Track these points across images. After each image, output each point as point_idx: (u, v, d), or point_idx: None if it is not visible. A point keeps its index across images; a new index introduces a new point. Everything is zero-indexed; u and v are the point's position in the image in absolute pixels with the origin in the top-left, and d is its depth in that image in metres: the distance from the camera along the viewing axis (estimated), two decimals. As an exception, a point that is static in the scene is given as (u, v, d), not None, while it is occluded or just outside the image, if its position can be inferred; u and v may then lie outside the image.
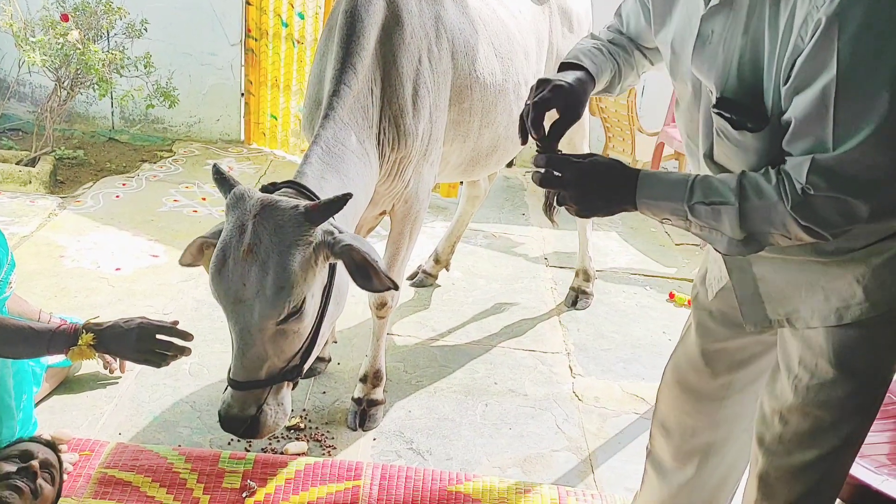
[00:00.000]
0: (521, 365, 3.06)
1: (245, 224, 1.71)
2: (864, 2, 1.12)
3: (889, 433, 1.96)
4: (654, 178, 1.36)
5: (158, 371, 2.70)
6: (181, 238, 3.79)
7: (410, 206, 2.52)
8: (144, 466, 2.26)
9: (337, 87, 2.11)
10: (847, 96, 1.15)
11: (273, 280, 1.70)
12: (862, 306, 1.38)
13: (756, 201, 1.27)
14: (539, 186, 1.40)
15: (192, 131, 5.26)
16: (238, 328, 1.76)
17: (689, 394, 1.74)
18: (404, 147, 2.32)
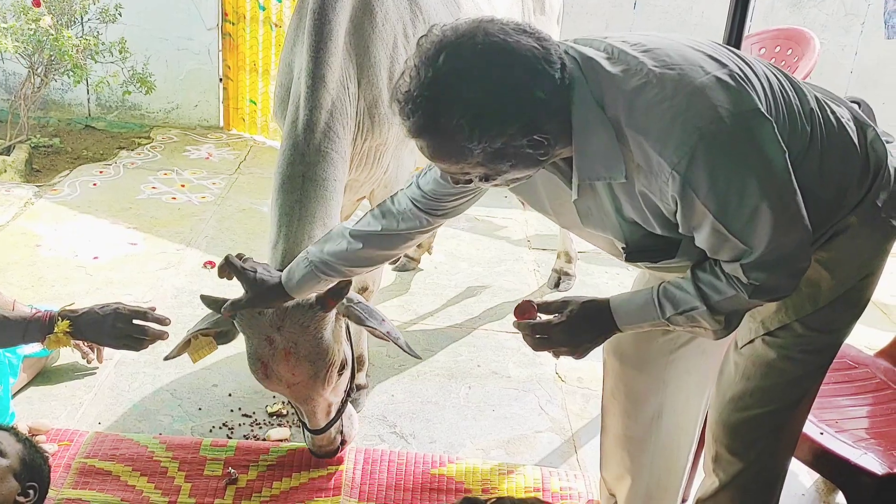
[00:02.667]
0: (504, 347, 3.06)
1: (272, 336, 1.86)
2: (699, 171, 1.25)
3: (867, 408, 1.97)
4: (625, 307, 1.47)
5: (138, 360, 2.71)
6: (160, 226, 3.76)
7: (390, 192, 2.50)
8: (125, 455, 2.24)
9: (311, 115, 2.04)
10: (733, 225, 1.28)
11: (318, 366, 1.90)
12: (831, 285, 1.46)
13: (717, 297, 1.38)
14: (535, 351, 1.54)
15: (170, 118, 5.19)
16: (301, 400, 1.98)
17: (632, 361, 1.79)
18: (379, 135, 2.29)
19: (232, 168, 4.60)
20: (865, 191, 1.42)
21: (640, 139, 1.27)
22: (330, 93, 2.07)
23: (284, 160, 2.04)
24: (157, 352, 2.73)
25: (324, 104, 2.05)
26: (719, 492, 1.65)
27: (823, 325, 1.50)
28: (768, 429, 1.58)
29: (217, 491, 2.16)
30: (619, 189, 1.36)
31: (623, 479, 1.88)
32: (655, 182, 1.29)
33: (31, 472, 1.94)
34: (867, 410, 1.97)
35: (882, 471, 1.69)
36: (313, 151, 2.02)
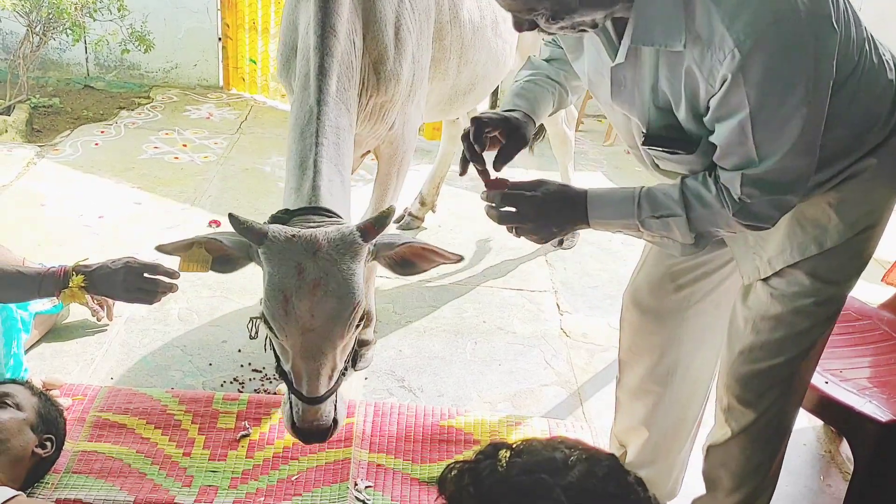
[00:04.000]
0: (509, 304, 3.08)
1: (302, 263, 1.68)
2: (760, 56, 1.22)
3: (870, 358, 2.01)
4: (602, 199, 1.45)
5: (147, 316, 2.73)
6: (163, 185, 3.76)
7: (396, 148, 2.50)
8: (138, 409, 2.27)
9: (322, 61, 2.00)
10: (762, 127, 1.27)
11: (345, 305, 1.71)
12: (839, 228, 1.46)
13: (700, 210, 1.38)
14: (497, 223, 1.47)
15: (170, 77, 5.15)
16: (310, 353, 1.74)
17: (650, 315, 1.80)
18: (384, 92, 2.27)
19: (233, 128, 4.58)
20: (888, 133, 1.42)
21: (712, 7, 1.23)
22: (340, 42, 2.05)
23: (298, 109, 2.01)
24: (165, 309, 2.78)
25: (335, 52, 2.02)
26: (730, 440, 1.68)
27: (828, 274, 1.51)
28: (778, 379, 1.60)
29: (231, 443, 2.20)
30: (665, 60, 1.32)
31: (636, 430, 1.91)
32: (709, 58, 1.25)
33: (48, 425, 1.97)
34: (871, 360, 2.00)
35: (885, 418, 1.72)
36: (327, 97, 1.98)
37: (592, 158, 4.69)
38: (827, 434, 2.41)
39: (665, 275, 1.78)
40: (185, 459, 2.14)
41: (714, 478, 1.77)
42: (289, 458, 2.17)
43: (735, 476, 1.73)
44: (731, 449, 1.70)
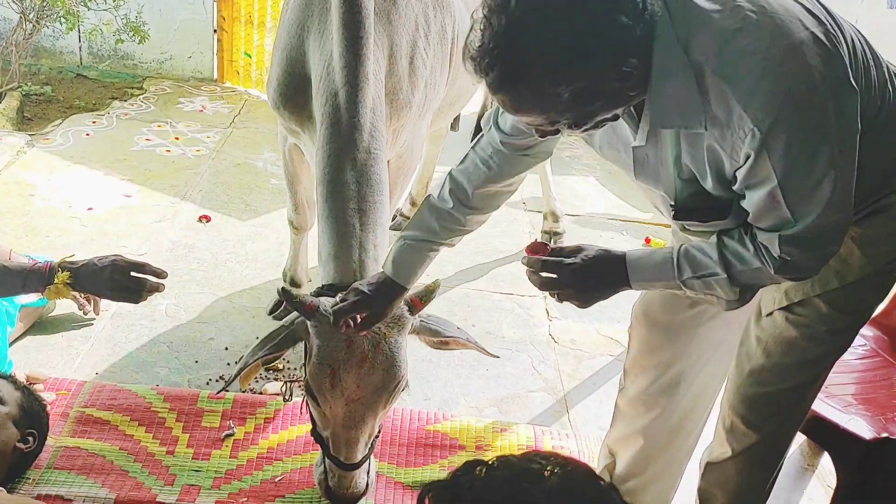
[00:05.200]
0: (498, 308, 3.08)
1: (351, 336, 1.70)
2: (781, 131, 1.21)
3: (857, 374, 2.01)
4: (641, 263, 1.45)
5: (134, 312, 2.72)
6: (154, 178, 3.73)
7: (405, 161, 2.50)
8: (122, 405, 2.26)
9: (357, 116, 1.92)
10: (793, 194, 1.26)
11: (391, 377, 1.74)
12: (861, 262, 1.45)
13: (740, 267, 1.37)
14: (539, 289, 1.50)
15: (164, 68, 5.12)
16: (352, 422, 1.75)
17: (660, 329, 1.78)
18: (397, 120, 2.24)
19: (226, 122, 4.56)
20: None
21: (726, 89, 1.22)
22: (371, 90, 1.97)
23: (331, 166, 1.92)
24: (152, 305, 2.76)
25: (367, 102, 1.95)
26: (729, 460, 1.67)
27: (847, 305, 1.49)
28: (785, 404, 1.59)
29: (215, 442, 2.19)
30: (686, 139, 1.31)
31: (631, 439, 1.90)
32: (730, 137, 1.25)
33: (30, 420, 1.96)
34: (856, 377, 2.01)
35: (870, 435, 1.73)
36: (363, 153, 1.92)
37: (586, 163, 4.68)
38: (810, 447, 2.42)
39: None
40: (168, 458, 2.12)
41: (709, 496, 1.77)
42: (273, 458, 2.17)
43: (731, 495, 1.72)
44: (730, 469, 1.69)
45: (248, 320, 2.77)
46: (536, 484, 0.81)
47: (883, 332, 2.15)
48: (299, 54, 2.15)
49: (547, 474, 0.83)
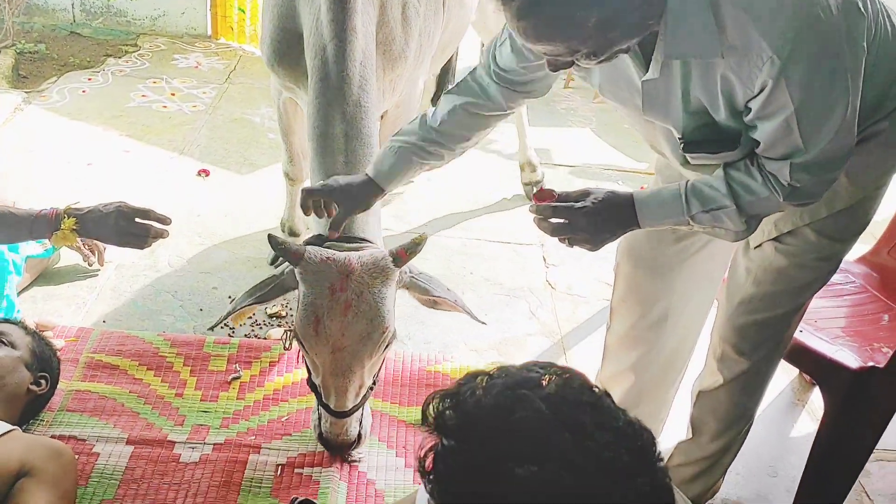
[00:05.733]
0: (496, 256, 3.13)
1: (335, 284, 1.73)
2: (800, 58, 1.24)
3: (845, 309, 2.07)
4: (650, 202, 1.47)
5: (138, 262, 2.76)
6: (152, 133, 3.74)
7: (403, 111, 2.52)
8: (131, 351, 2.31)
9: (346, 70, 1.93)
10: (807, 121, 1.29)
11: (374, 326, 1.76)
12: (849, 191, 1.49)
13: (748, 197, 1.40)
14: (550, 236, 1.50)
15: (157, 25, 5.08)
16: (339, 370, 1.79)
17: (645, 266, 1.84)
18: (392, 70, 2.25)
19: (222, 78, 4.54)
20: None
21: (744, 18, 1.23)
22: (360, 43, 1.97)
23: (320, 120, 1.94)
24: (155, 255, 2.80)
25: (356, 56, 1.95)
26: (721, 388, 1.74)
27: (836, 232, 1.54)
28: (774, 331, 1.65)
29: (221, 385, 2.25)
30: (698, 69, 1.32)
31: (622, 375, 1.97)
32: (747, 65, 1.26)
33: (42, 363, 2.02)
34: (845, 311, 2.06)
35: (856, 365, 1.78)
36: (352, 107, 1.93)
37: (582, 115, 4.69)
38: (801, 384, 2.49)
39: None
40: (177, 400, 2.19)
41: (701, 423, 1.84)
42: (279, 399, 2.23)
43: (722, 421, 1.80)
44: (721, 396, 1.76)
45: (249, 270, 2.81)
46: (535, 390, 0.86)
47: (871, 269, 2.20)
48: (290, 10, 2.15)
49: (545, 381, 0.87)
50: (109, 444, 2.00)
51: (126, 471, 1.93)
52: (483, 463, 0.83)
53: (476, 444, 0.84)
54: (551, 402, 0.83)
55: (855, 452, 1.86)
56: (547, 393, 0.85)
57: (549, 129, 4.42)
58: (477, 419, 0.86)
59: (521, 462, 0.80)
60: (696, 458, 1.87)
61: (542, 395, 0.84)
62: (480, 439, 0.84)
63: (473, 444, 0.84)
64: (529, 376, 0.88)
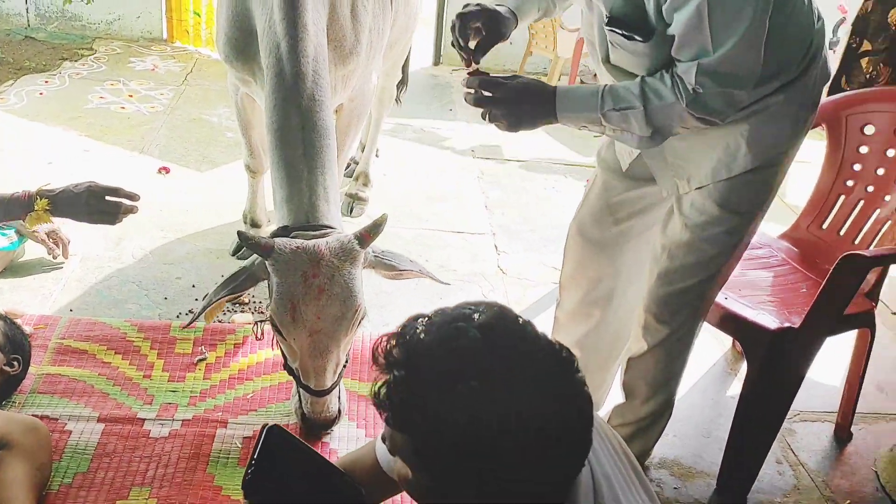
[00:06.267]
0: (450, 245, 3.27)
1: (307, 271, 1.80)
2: None
3: (768, 279, 2.25)
4: (569, 94, 1.59)
5: (103, 255, 2.84)
6: (112, 133, 3.81)
7: (357, 104, 2.64)
8: (98, 336, 2.40)
9: (299, 66, 2.01)
10: (717, 11, 1.40)
11: (348, 307, 1.84)
12: (746, 156, 1.65)
13: (657, 102, 1.51)
14: (474, 106, 1.59)
15: (112, 29, 5.14)
16: (317, 351, 1.87)
17: (592, 244, 2.00)
18: (345, 66, 2.36)
19: (179, 80, 4.63)
20: (800, 73, 1.59)
21: None
22: (312, 39, 2.06)
23: (277, 114, 2.01)
24: (120, 248, 2.89)
25: (309, 52, 2.04)
26: (647, 354, 1.91)
27: (736, 205, 1.70)
28: (689, 299, 1.82)
29: (188, 367, 2.35)
30: None
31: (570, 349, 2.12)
32: None
33: (14, 346, 2.10)
34: (768, 282, 2.25)
35: (774, 326, 1.96)
36: (307, 100, 2.00)
37: (531, 114, 4.87)
38: (733, 355, 2.68)
39: (605, 207, 1.98)
40: (145, 381, 2.28)
41: (632, 387, 2.00)
42: (244, 378, 2.33)
43: (651, 385, 1.96)
44: (648, 361, 1.92)
45: (212, 261, 2.91)
46: (469, 322, 0.99)
47: (792, 244, 2.39)
48: (244, 10, 2.26)
49: (476, 316, 1.01)
50: (81, 423, 2.08)
51: (98, 446, 2.02)
52: (429, 385, 0.96)
53: (422, 370, 0.97)
54: (484, 330, 0.97)
55: (774, 407, 2.04)
56: (479, 323, 0.98)
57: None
58: (421, 350, 0.98)
59: (462, 380, 0.93)
60: (630, 419, 2.03)
61: (476, 325, 0.98)
62: (426, 366, 0.97)
63: (420, 370, 0.97)
64: (464, 312, 1.01)
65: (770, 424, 2.06)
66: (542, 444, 0.93)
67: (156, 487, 1.93)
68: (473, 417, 0.91)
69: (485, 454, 0.92)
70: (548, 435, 0.93)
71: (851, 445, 2.37)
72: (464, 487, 0.96)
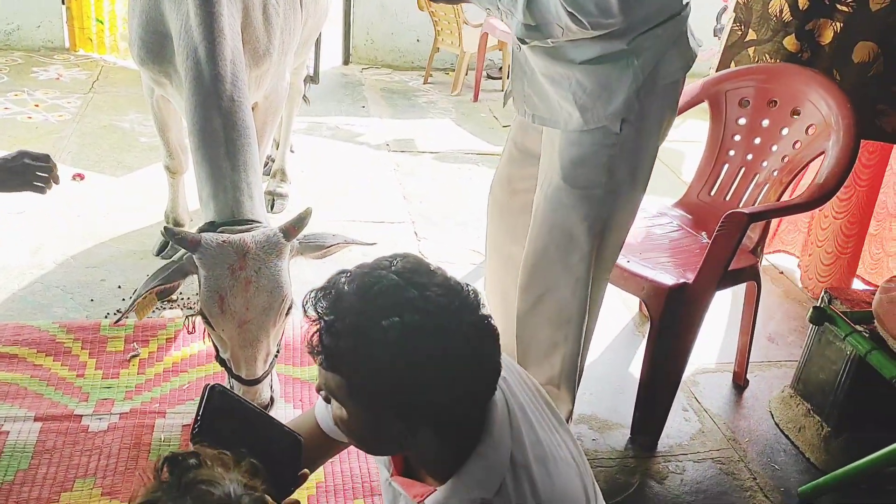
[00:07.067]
0: (371, 235, 3.37)
1: (234, 264, 1.84)
2: None
3: (665, 244, 2.47)
4: None
5: (24, 262, 2.84)
6: (20, 143, 3.76)
7: (272, 101, 2.73)
8: (28, 340, 2.41)
9: (217, 69, 2.08)
10: None
11: (275, 297, 1.88)
12: (576, 119, 1.80)
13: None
14: None
15: (12, 39, 5.03)
16: (247, 342, 1.91)
17: (498, 209, 2.21)
18: (258, 67, 2.44)
19: (85, 87, 4.58)
20: (653, 25, 1.70)
21: None
22: (229, 43, 2.13)
23: (199, 116, 2.07)
24: (41, 255, 2.89)
25: (227, 55, 2.12)
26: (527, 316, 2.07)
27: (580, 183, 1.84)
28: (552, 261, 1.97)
29: (121, 363, 2.39)
30: None
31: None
32: None
33: (-56, 353, 2.10)
34: (666, 246, 2.46)
35: (671, 282, 2.17)
36: (227, 101, 2.07)
37: (442, 108, 5.04)
38: (640, 318, 2.90)
39: (506, 177, 2.18)
40: (79, 380, 2.31)
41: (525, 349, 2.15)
42: (178, 371, 2.40)
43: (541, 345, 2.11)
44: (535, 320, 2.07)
45: (136, 262, 2.94)
46: (387, 269, 1.12)
47: (685, 210, 2.62)
48: (157, 14, 2.32)
49: (393, 264, 1.14)
50: (18, 423, 2.11)
51: (37, 443, 2.05)
52: (356, 324, 1.08)
53: (347, 312, 1.09)
54: (400, 274, 1.10)
55: (675, 356, 2.25)
56: (396, 269, 1.11)
57: (412, 121, 4.74)
58: (346, 295, 1.10)
59: (385, 316, 1.06)
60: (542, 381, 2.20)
61: (393, 270, 1.11)
62: (350, 309, 1.09)
63: (345, 313, 1.09)
64: (382, 262, 1.14)
65: (673, 371, 2.27)
66: (456, 369, 1.06)
67: (99, 478, 1.99)
68: (395, 349, 1.04)
69: (406, 382, 1.05)
70: (461, 361, 1.06)
71: (748, 391, 2.62)
72: (391, 415, 1.09)
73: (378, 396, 1.08)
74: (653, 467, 2.25)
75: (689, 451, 2.33)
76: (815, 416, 2.36)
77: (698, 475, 2.24)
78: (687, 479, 2.22)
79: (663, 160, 4.14)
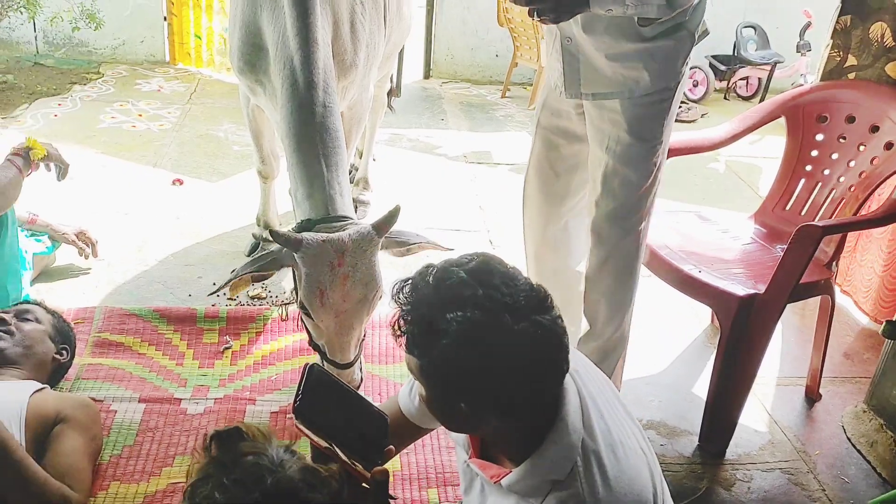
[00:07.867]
0: (447, 243, 3.48)
1: (333, 261, 2.00)
2: None
3: (738, 255, 2.51)
4: None
5: (128, 258, 3.08)
6: (126, 150, 4.05)
7: (355, 112, 2.90)
8: (132, 329, 2.63)
9: (312, 77, 2.24)
10: None
11: (370, 289, 2.05)
12: (645, 84, 1.98)
13: None
14: (521, 5, 1.82)
15: (118, 53, 5.39)
16: (343, 330, 2.07)
17: (541, 195, 2.35)
18: (345, 78, 2.60)
19: (184, 99, 4.87)
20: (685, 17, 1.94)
21: None
22: (321, 53, 2.29)
23: (294, 120, 2.23)
24: (144, 252, 3.12)
25: (320, 64, 2.27)
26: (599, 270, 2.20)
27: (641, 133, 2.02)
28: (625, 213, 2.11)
29: (216, 354, 2.58)
30: None
31: None
32: None
33: (63, 336, 2.33)
34: (739, 257, 2.49)
35: (742, 293, 2.21)
36: (321, 107, 2.23)
37: (519, 121, 5.15)
38: (712, 330, 2.93)
39: (546, 162, 2.31)
40: (178, 368, 2.51)
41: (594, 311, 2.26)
42: (268, 363, 2.57)
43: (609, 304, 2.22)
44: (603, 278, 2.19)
45: (229, 262, 3.14)
46: (461, 267, 1.23)
47: (759, 224, 2.65)
48: (255, 28, 2.50)
49: (468, 262, 1.24)
50: (124, 403, 2.31)
51: (141, 422, 2.24)
52: (425, 314, 1.20)
53: (422, 303, 1.21)
54: (471, 272, 1.21)
55: (746, 365, 2.28)
56: (469, 268, 1.22)
57: (490, 134, 4.87)
58: (422, 288, 1.23)
59: (451, 310, 1.17)
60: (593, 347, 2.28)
61: (466, 269, 1.22)
62: (424, 300, 1.21)
63: (420, 303, 1.21)
64: (459, 260, 1.25)
65: (742, 382, 2.30)
66: (515, 363, 1.16)
67: (196, 456, 2.16)
68: (457, 340, 1.15)
69: (465, 371, 1.17)
70: (521, 357, 1.16)
71: (820, 405, 2.62)
72: (456, 399, 1.20)
73: (443, 380, 1.21)
74: (720, 474, 2.29)
75: (757, 460, 2.35)
76: (889, 431, 2.35)
77: (766, 484, 2.26)
78: (754, 486, 2.25)
79: (740, 175, 4.16)
